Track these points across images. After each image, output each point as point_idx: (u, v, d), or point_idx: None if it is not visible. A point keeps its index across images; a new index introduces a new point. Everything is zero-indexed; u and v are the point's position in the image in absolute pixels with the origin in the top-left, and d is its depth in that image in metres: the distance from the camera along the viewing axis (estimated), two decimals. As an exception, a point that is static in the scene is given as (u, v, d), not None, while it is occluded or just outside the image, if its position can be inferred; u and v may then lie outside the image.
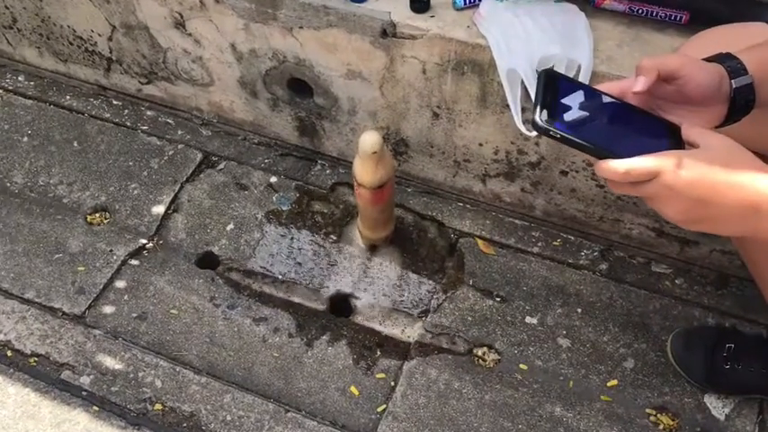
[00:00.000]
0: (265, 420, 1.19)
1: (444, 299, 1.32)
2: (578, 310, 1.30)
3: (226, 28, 1.33)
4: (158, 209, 1.48)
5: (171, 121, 1.63)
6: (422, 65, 1.20)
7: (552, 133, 0.69)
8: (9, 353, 1.28)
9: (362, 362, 1.26)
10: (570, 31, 1.10)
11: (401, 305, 1.33)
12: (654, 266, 1.35)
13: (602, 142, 0.70)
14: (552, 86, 0.73)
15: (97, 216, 1.48)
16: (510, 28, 1.09)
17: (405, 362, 1.25)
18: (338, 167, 1.53)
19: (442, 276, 1.36)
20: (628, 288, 1.32)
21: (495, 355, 1.26)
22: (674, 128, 0.73)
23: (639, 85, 0.72)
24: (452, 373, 1.24)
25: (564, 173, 1.27)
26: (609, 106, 0.74)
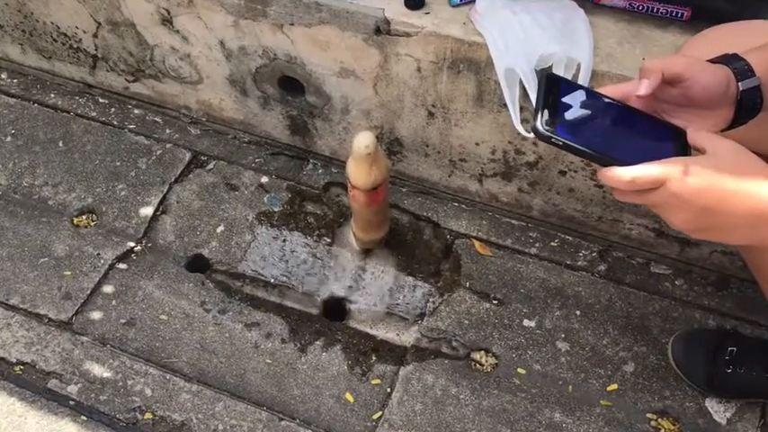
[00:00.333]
0: (258, 429, 1.17)
1: (440, 302, 1.30)
2: (577, 312, 1.28)
3: (214, 25, 1.29)
4: (146, 210, 1.44)
5: (159, 120, 1.59)
6: (417, 63, 1.17)
7: (554, 140, 0.67)
8: (-6, 361, 1.25)
9: (357, 368, 1.23)
10: (569, 29, 1.07)
11: (396, 309, 1.30)
12: (653, 267, 1.32)
13: (606, 149, 0.67)
14: (553, 91, 0.70)
15: (84, 218, 1.44)
16: (507, 25, 1.06)
17: (401, 367, 1.23)
18: (331, 167, 1.49)
19: (437, 279, 1.33)
20: (627, 290, 1.30)
21: (492, 359, 1.24)
22: (680, 132, 0.71)
23: (643, 88, 0.69)
24: (449, 378, 1.21)
25: (562, 173, 1.25)
26: (612, 110, 0.71)
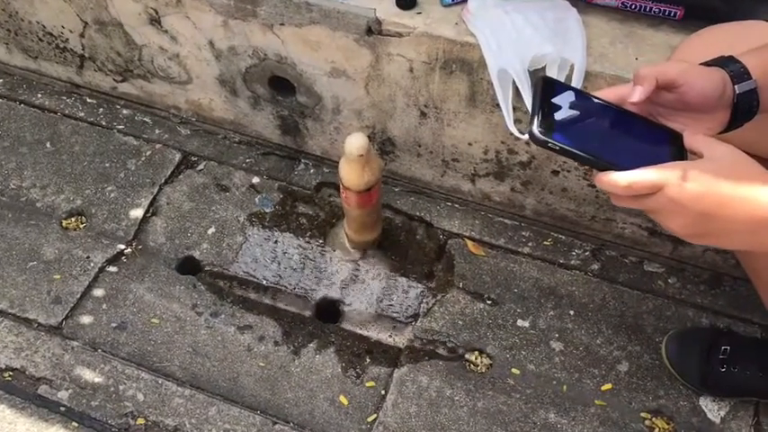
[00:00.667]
0: (252, 433, 1.16)
1: (434, 303, 1.29)
2: (570, 312, 1.28)
3: (203, 24, 1.28)
4: (136, 212, 1.42)
5: (148, 120, 1.57)
6: (409, 63, 1.16)
7: (551, 145, 0.66)
8: (-18, 367, 1.23)
9: (351, 370, 1.22)
10: (562, 28, 1.06)
11: (390, 310, 1.29)
12: (646, 266, 1.32)
13: (603, 153, 0.67)
14: (549, 94, 0.69)
15: (73, 221, 1.42)
16: (500, 25, 1.05)
17: (395, 369, 1.22)
18: (322, 167, 1.48)
19: (431, 279, 1.32)
20: (620, 288, 1.30)
21: (486, 359, 1.23)
22: (676, 135, 0.70)
23: (636, 95, 0.69)
24: (444, 379, 1.21)
25: (555, 172, 1.24)
26: (608, 114, 0.71)
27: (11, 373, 1.22)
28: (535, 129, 0.66)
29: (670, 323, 1.25)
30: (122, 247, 1.38)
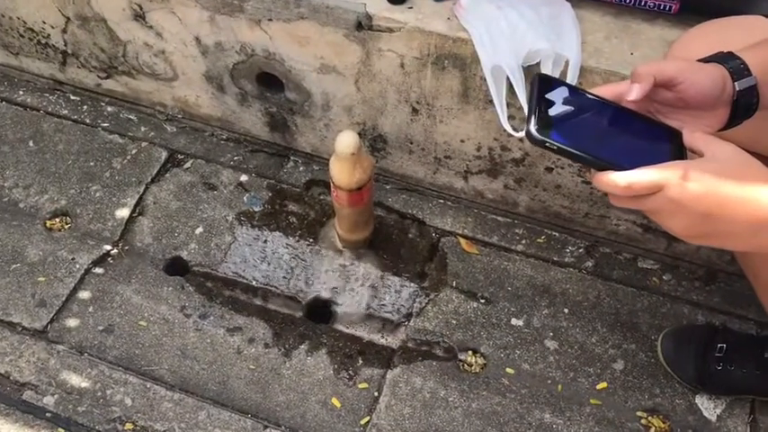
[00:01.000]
0: (243, 437, 1.14)
1: (427, 302, 1.27)
2: (565, 310, 1.26)
3: (189, 20, 1.25)
4: (122, 212, 1.39)
5: (133, 118, 1.54)
6: (400, 59, 1.14)
7: (549, 145, 0.64)
8: (-35, 373, 1.20)
9: (344, 371, 1.20)
10: (556, 24, 1.04)
11: (383, 310, 1.27)
12: (641, 262, 1.31)
13: (601, 152, 0.65)
14: (545, 92, 0.68)
15: (57, 221, 1.39)
16: (493, 20, 1.03)
17: (388, 370, 1.20)
18: (312, 164, 1.46)
19: (424, 278, 1.30)
20: (615, 286, 1.29)
21: (481, 359, 1.22)
22: (675, 133, 0.69)
23: (634, 93, 0.67)
24: (438, 380, 1.19)
25: (549, 169, 1.23)
26: (606, 112, 0.69)
27: (-5, 379, 1.20)
28: (532, 128, 0.64)
29: (665, 320, 1.24)
30: (108, 247, 1.35)
